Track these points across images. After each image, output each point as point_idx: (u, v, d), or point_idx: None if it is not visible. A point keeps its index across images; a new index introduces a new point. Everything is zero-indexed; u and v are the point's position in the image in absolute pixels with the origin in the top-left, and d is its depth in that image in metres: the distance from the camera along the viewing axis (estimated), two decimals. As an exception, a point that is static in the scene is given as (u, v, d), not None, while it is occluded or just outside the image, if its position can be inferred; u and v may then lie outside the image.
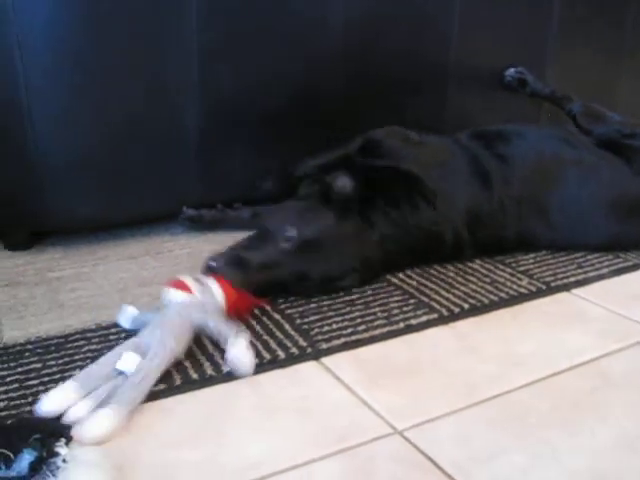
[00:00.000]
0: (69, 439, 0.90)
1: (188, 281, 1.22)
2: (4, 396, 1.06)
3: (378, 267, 1.50)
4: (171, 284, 1.22)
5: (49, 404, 1.00)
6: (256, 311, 1.33)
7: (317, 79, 1.80)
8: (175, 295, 1.20)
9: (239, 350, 1.11)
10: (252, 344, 1.19)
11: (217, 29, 1.62)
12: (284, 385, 1.11)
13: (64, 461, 0.83)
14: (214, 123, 1.69)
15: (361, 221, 1.46)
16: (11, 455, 0.83)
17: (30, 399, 1.05)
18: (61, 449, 0.85)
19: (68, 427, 0.94)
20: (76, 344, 1.22)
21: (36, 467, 0.83)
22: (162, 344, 1.09)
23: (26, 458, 0.83)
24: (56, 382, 1.09)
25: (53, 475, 0.81)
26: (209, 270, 1.31)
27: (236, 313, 1.26)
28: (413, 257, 1.55)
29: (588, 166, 1.71)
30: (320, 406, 1.07)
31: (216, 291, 1.23)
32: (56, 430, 0.90)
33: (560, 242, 1.68)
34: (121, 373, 1.06)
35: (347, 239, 1.43)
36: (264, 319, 1.31)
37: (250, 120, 1.74)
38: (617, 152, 1.73)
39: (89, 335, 1.25)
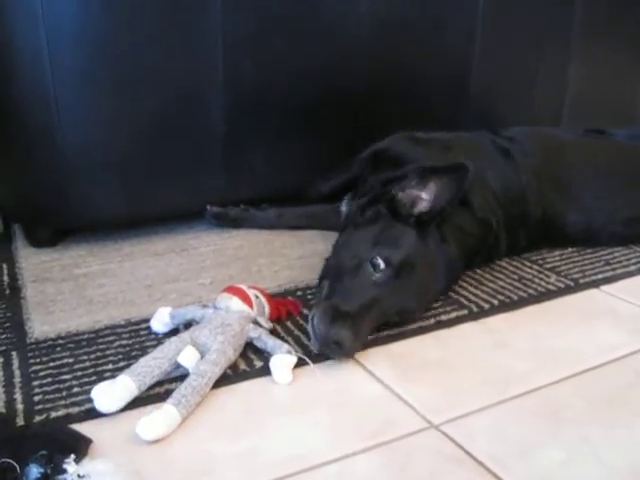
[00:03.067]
0: (82, 454, 0.88)
1: (250, 294, 1.22)
2: (39, 390, 1.06)
3: (458, 277, 1.44)
4: (233, 292, 1.22)
5: (105, 404, 1.00)
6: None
7: (341, 76, 1.80)
8: (237, 305, 1.20)
9: (284, 365, 1.10)
10: (283, 339, 1.20)
11: (242, 26, 1.62)
12: (318, 380, 1.11)
13: (80, 476, 0.82)
14: (239, 120, 1.69)
15: (438, 235, 1.32)
16: (17, 466, 0.82)
17: (64, 393, 1.06)
18: (69, 466, 0.84)
19: (84, 440, 0.92)
20: (107, 339, 1.22)
21: None
22: (223, 352, 1.09)
23: (34, 472, 0.82)
24: (89, 377, 1.10)
25: None
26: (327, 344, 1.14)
27: (275, 318, 1.27)
28: (473, 259, 1.49)
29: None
30: (355, 400, 1.06)
31: (265, 304, 1.25)
32: (67, 445, 0.88)
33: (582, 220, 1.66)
34: (178, 366, 1.07)
35: (434, 255, 1.30)
36: (295, 315, 1.31)
37: (275, 117, 1.75)
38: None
39: (119, 330, 1.25)
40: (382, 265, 1.20)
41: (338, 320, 1.12)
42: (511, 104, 2.16)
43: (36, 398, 1.04)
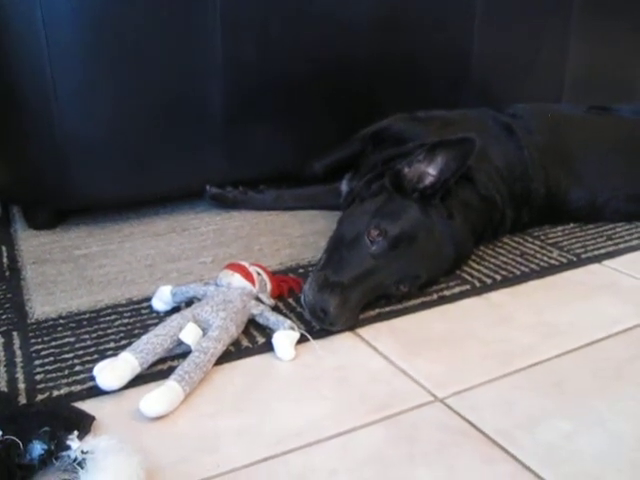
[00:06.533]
0: (86, 431, 0.88)
1: (252, 271, 1.22)
2: (40, 369, 1.06)
3: (468, 255, 1.42)
4: (235, 269, 1.21)
5: (107, 381, 0.99)
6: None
7: (341, 55, 1.78)
8: (239, 281, 1.19)
9: (287, 341, 1.10)
10: (285, 316, 1.19)
11: (241, 6, 1.60)
12: (321, 355, 1.10)
13: (83, 452, 0.81)
14: (239, 100, 1.68)
15: (444, 210, 1.30)
16: (20, 443, 0.82)
17: (66, 372, 1.05)
18: (72, 442, 0.83)
19: (87, 418, 0.91)
20: (108, 318, 1.21)
21: (45, 460, 0.82)
22: (225, 329, 1.08)
23: (37, 449, 0.82)
24: (91, 355, 1.10)
25: (81, 467, 0.80)
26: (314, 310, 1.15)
27: (277, 295, 1.27)
28: (481, 235, 1.47)
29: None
30: (359, 375, 1.06)
31: (267, 281, 1.24)
32: (70, 421, 0.88)
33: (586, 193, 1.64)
34: (180, 343, 1.07)
35: (438, 228, 1.28)
36: (297, 292, 1.29)
37: (275, 96, 1.73)
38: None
39: (120, 310, 1.24)
40: (379, 237, 1.20)
41: (326, 288, 1.13)
42: (511, 81, 2.14)
43: (38, 377, 1.03)
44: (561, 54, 2.21)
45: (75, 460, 0.81)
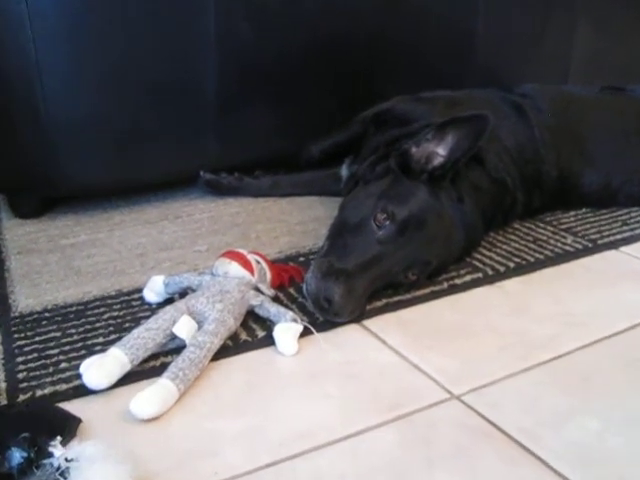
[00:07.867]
0: (70, 435, 0.82)
1: (250, 259, 1.15)
2: (23, 366, 0.99)
3: (479, 241, 1.35)
4: (232, 257, 1.14)
5: (94, 379, 0.92)
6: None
7: (342, 34, 1.71)
8: (237, 270, 1.13)
9: (289, 334, 1.04)
10: (287, 307, 1.12)
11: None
12: (326, 349, 1.03)
13: (67, 460, 0.75)
14: (233, 81, 1.60)
15: (454, 193, 1.23)
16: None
17: (51, 369, 0.99)
18: (55, 449, 0.77)
19: (73, 420, 0.85)
20: (96, 311, 1.15)
21: (25, 469, 0.75)
22: (223, 322, 1.02)
23: (16, 457, 0.76)
24: (78, 351, 1.04)
25: (64, 477, 0.74)
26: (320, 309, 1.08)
27: (277, 285, 1.20)
28: (491, 222, 1.40)
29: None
30: (368, 371, 0.99)
31: (266, 270, 1.18)
32: (54, 425, 0.82)
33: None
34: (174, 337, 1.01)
35: (447, 212, 1.21)
36: (298, 281, 1.22)
37: (270, 78, 1.66)
38: None
39: (110, 301, 1.18)
40: (386, 221, 1.13)
41: (330, 276, 1.06)
42: (517, 62, 2.09)
43: (20, 375, 0.97)
44: (568, 35, 2.16)
45: (58, 469, 0.75)
